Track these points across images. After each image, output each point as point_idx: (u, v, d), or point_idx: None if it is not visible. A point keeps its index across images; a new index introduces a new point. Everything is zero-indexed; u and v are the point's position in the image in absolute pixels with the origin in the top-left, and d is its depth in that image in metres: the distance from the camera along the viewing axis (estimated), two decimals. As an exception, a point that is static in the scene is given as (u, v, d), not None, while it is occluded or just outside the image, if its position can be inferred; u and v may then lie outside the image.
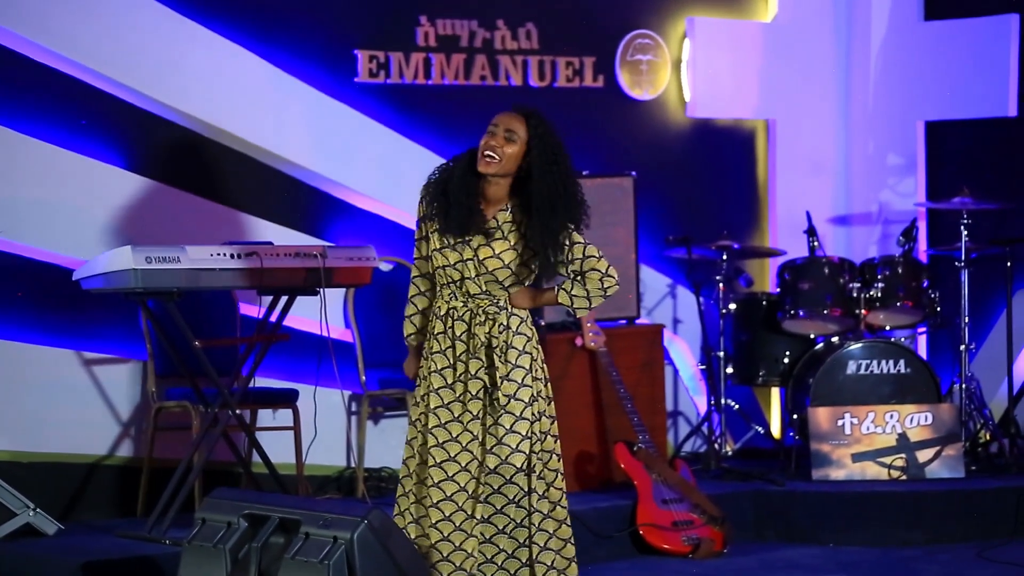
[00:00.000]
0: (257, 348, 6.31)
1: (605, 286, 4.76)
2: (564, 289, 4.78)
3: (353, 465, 7.20)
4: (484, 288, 4.73)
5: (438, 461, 4.74)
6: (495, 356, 4.72)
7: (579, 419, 7.20)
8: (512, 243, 4.74)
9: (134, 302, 6.22)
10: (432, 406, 4.76)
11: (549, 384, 4.86)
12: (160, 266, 5.79)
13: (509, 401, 4.69)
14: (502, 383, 4.71)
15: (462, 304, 4.75)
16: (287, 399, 6.79)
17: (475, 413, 4.71)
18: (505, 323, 4.74)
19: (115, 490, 6.83)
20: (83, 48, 6.77)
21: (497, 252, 4.72)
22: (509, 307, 4.76)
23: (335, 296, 7.08)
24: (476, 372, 4.72)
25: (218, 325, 6.88)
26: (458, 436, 4.72)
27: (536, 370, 4.78)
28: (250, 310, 6.87)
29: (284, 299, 6.28)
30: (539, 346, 4.83)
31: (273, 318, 6.30)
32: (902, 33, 8.48)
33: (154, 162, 6.96)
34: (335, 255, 6.18)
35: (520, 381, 4.72)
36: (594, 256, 4.76)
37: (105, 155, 6.86)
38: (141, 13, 6.90)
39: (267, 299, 6.35)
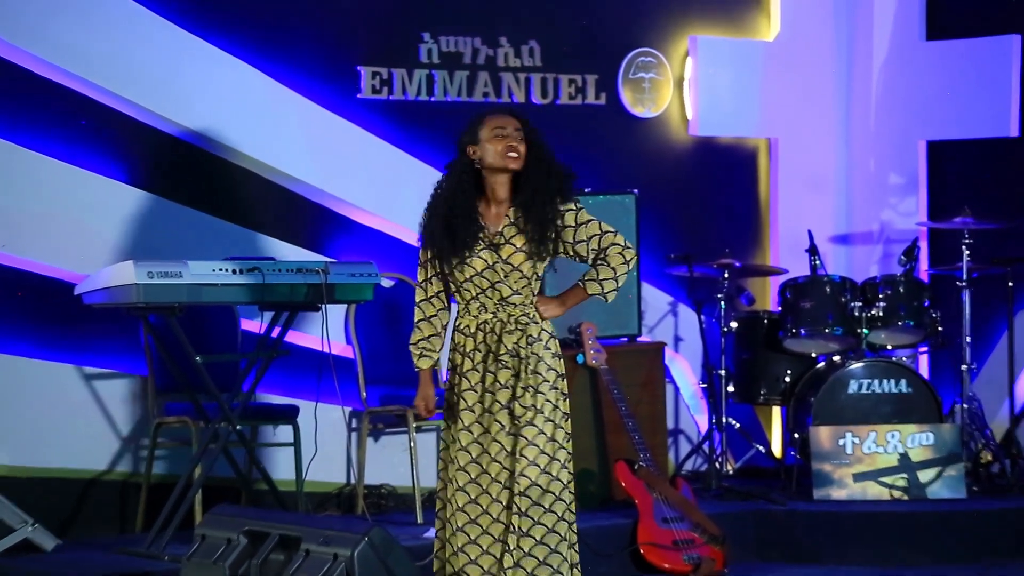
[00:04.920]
0: (258, 364, 6.30)
1: (628, 259, 4.83)
2: (591, 280, 4.84)
3: (353, 482, 7.18)
4: (515, 288, 4.77)
5: (461, 484, 4.78)
6: (523, 368, 4.75)
7: (580, 437, 7.13)
8: (529, 234, 4.80)
9: (135, 317, 6.22)
10: (466, 423, 4.78)
11: (568, 400, 4.87)
12: (162, 281, 5.80)
13: (535, 414, 4.72)
14: (527, 394, 4.73)
15: (492, 315, 4.78)
16: (287, 415, 6.75)
17: (503, 424, 4.74)
18: (535, 335, 4.79)
19: (114, 506, 6.82)
20: (83, 61, 6.75)
21: (519, 246, 4.79)
22: (539, 319, 4.81)
23: (336, 312, 7.04)
24: (505, 382, 4.76)
25: (219, 340, 6.85)
26: (487, 449, 4.74)
27: (561, 385, 4.82)
28: (251, 325, 6.90)
29: (285, 315, 6.26)
30: (562, 361, 4.86)
31: (274, 334, 6.28)
32: (904, 53, 8.47)
33: (156, 176, 6.96)
34: (337, 271, 6.17)
35: (546, 394, 4.75)
36: (610, 231, 4.83)
37: (106, 169, 6.85)
38: (142, 26, 6.88)
39: (268, 315, 6.35)
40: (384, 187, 7.44)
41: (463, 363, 4.82)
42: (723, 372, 7.70)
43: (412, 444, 6.86)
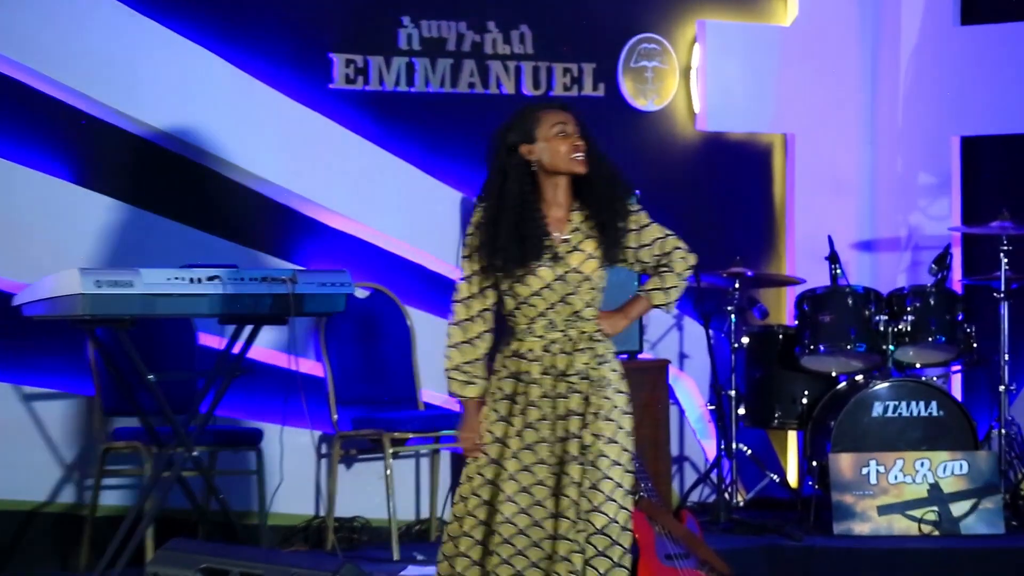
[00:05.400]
0: (217, 383, 6.24)
1: (691, 264, 4.81)
2: (656, 289, 4.79)
3: (323, 514, 7.05)
4: (587, 300, 4.67)
5: (538, 518, 4.58)
6: (592, 391, 4.60)
7: (575, 465, 6.86)
8: (601, 238, 4.75)
9: (81, 331, 6.17)
10: (542, 456, 4.60)
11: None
12: (111, 291, 5.73)
13: (608, 443, 4.59)
14: (598, 421, 4.58)
15: (561, 333, 4.64)
16: (250, 440, 6.69)
17: (572, 453, 4.58)
18: (603, 355, 4.69)
19: (56, 540, 6.72)
20: (29, 49, 6.68)
21: (590, 252, 4.68)
22: (604, 336, 4.73)
23: (305, 326, 6.99)
24: (575, 408, 4.62)
25: (174, 357, 6.78)
26: (560, 480, 4.58)
27: (630, 409, 4.70)
28: (210, 340, 6.86)
29: (248, 328, 6.21)
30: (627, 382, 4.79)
31: (236, 350, 6.21)
32: (935, 39, 8.30)
33: (106, 176, 6.89)
34: (306, 280, 6.12)
35: (618, 420, 4.63)
36: (670, 233, 4.82)
37: (52, 167, 6.78)
38: (95, 11, 6.79)
39: (229, 328, 6.33)
40: (359, 187, 7.29)
41: (529, 391, 4.61)
42: (733, 393, 7.52)
43: (388, 472, 6.72)
